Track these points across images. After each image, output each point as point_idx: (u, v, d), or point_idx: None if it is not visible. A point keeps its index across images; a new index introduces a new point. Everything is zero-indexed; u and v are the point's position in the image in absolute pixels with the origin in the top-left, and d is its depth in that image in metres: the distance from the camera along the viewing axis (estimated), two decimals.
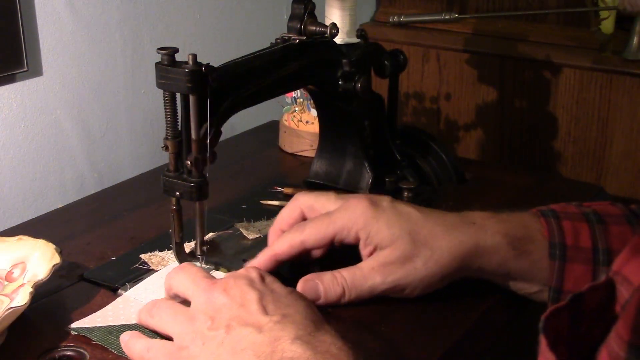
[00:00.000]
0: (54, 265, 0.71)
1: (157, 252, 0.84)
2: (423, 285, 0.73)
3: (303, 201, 0.78)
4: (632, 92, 1.31)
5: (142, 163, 1.17)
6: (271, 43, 0.87)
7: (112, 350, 0.66)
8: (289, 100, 1.19)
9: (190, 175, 0.75)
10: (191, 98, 0.72)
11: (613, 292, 0.53)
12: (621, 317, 0.48)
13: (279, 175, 1.11)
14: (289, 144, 1.18)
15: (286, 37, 0.87)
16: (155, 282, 0.78)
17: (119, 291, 0.76)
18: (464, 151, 1.50)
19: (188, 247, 0.81)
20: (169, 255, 0.83)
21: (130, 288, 0.76)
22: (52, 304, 0.75)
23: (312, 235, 0.73)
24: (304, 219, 0.78)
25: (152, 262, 0.82)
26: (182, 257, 0.80)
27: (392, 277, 0.72)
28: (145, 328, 0.68)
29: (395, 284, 0.72)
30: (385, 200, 0.75)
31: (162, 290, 0.73)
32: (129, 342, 0.65)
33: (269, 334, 0.58)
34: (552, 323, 0.52)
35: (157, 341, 0.65)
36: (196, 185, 0.75)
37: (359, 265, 0.73)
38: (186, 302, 0.66)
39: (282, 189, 1.01)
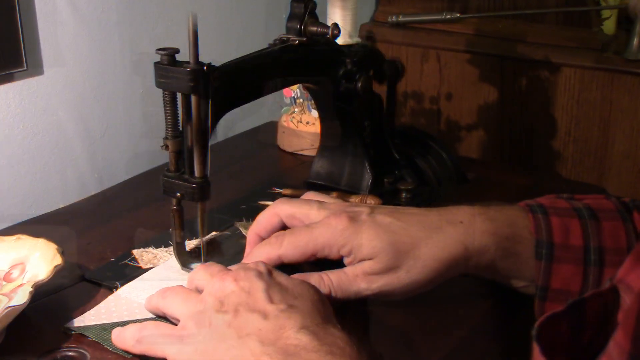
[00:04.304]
0: (55, 267, 0.70)
1: (150, 249, 0.83)
2: (408, 290, 0.72)
3: (282, 210, 0.76)
4: (633, 91, 1.31)
5: (142, 163, 1.17)
6: (269, 44, 0.86)
7: (108, 347, 0.67)
8: (287, 101, 1.19)
9: (192, 176, 0.75)
10: (193, 98, 0.72)
11: (617, 300, 0.53)
12: (621, 325, 0.47)
13: (278, 175, 1.11)
14: (287, 143, 1.17)
15: (285, 38, 0.86)
16: (146, 279, 0.78)
17: (113, 290, 0.76)
18: (463, 152, 1.49)
19: (188, 246, 0.81)
20: (162, 253, 0.82)
21: (121, 286, 0.76)
22: (53, 304, 0.74)
23: (289, 250, 0.72)
24: (283, 225, 0.76)
25: (142, 259, 0.81)
26: (183, 257, 0.79)
27: (376, 285, 0.71)
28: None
29: (379, 290, 0.72)
30: (364, 213, 0.73)
31: (153, 287, 0.73)
32: (120, 333, 0.66)
33: (275, 321, 0.59)
34: (548, 330, 0.52)
35: (151, 322, 0.66)
36: (198, 185, 0.74)
37: (344, 269, 0.72)
38: None
39: (281, 190, 1.00)
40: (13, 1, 0.93)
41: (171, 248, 0.82)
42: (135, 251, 0.82)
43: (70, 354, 0.66)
